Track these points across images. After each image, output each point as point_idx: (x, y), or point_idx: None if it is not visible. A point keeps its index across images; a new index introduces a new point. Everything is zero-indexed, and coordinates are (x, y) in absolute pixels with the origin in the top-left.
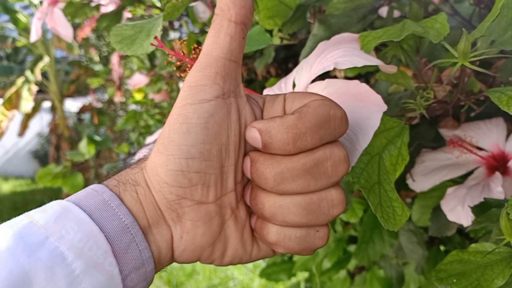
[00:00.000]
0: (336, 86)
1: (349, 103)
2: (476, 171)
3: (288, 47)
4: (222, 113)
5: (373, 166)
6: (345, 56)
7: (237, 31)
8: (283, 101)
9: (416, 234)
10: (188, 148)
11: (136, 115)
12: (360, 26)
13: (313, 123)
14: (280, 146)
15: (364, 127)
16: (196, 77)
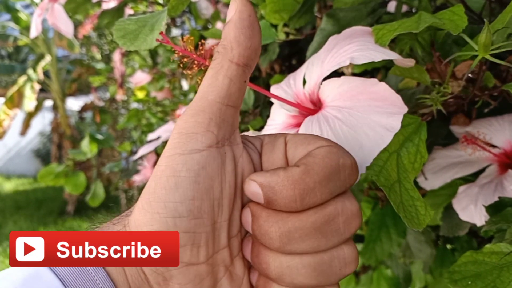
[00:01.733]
0: (352, 84)
1: (367, 103)
2: (488, 169)
3: (292, 43)
4: (215, 164)
5: (392, 164)
6: (360, 51)
7: (238, 74)
8: (284, 145)
9: (424, 232)
10: (176, 206)
11: (138, 113)
12: (369, 20)
13: (322, 176)
14: (286, 204)
15: (382, 130)
16: (188, 123)
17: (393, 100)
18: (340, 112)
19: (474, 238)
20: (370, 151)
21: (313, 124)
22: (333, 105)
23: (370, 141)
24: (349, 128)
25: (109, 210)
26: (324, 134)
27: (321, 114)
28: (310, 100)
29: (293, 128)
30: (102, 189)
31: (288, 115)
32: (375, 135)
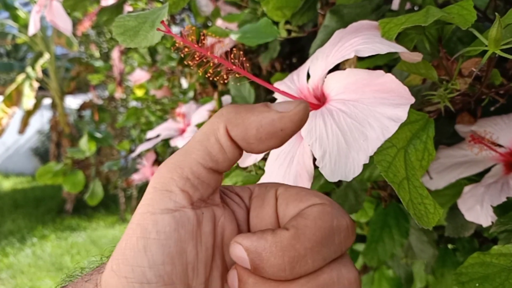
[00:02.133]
0: (358, 76)
1: (372, 95)
2: (494, 169)
3: (293, 41)
4: (190, 226)
5: (400, 160)
6: (366, 44)
7: (232, 146)
8: (275, 200)
9: (426, 233)
10: (144, 271)
11: (137, 111)
12: (373, 17)
13: (314, 241)
14: (274, 272)
15: (387, 121)
16: (164, 178)
17: (400, 91)
18: (345, 105)
19: (476, 238)
20: (374, 142)
21: (316, 118)
22: (338, 98)
23: (375, 132)
24: (354, 120)
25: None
26: (328, 128)
27: (325, 108)
28: (314, 95)
29: None
30: (101, 188)
31: None
32: (380, 127)
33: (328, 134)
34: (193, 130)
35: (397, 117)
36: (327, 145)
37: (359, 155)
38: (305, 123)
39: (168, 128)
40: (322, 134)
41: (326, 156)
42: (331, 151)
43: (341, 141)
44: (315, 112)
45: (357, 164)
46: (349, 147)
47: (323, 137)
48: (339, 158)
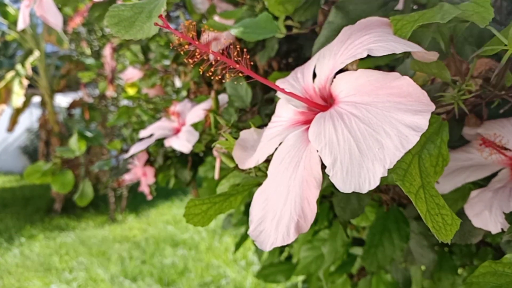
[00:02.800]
0: (371, 78)
1: (387, 99)
2: (501, 173)
3: (290, 39)
4: None
5: (415, 167)
6: (379, 42)
7: None
8: None
9: (426, 237)
10: None
11: (128, 110)
12: (380, 14)
13: None
14: None
15: (406, 129)
16: None
17: (418, 96)
18: (357, 109)
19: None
20: (392, 152)
21: (325, 121)
22: (348, 100)
23: (392, 141)
24: (367, 126)
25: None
26: (339, 133)
27: (335, 111)
28: (320, 95)
29: (301, 125)
30: (91, 188)
31: (296, 111)
32: (398, 135)
33: (339, 139)
34: (189, 130)
35: (416, 125)
36: (337, 152)
37: (374, 165)
38: None
39: (162, 127)
40: (332, 139)
41: (337, 164)
42: (342, 158)
43: (353, 148)
44: (323, 115)
45: (373, 175)
46: (362, 156)
47: (334, 143)
48: (352, 167)
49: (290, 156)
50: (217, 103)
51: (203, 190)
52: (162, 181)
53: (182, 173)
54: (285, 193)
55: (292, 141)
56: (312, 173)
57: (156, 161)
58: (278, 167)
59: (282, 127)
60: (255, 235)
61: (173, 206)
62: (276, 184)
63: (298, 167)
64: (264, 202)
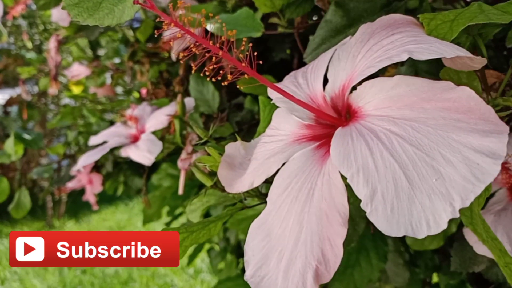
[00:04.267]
0: (414, 87)
1: (439, 114)
2: (498, 193)
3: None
4: None
5: (475, 205)
6: (419, 43)
7: None
8: None
9: (401, 255)
10: None
11: (73, 111)
12: (383, 14)
13: None
14: None
15: (476, 156)
16: None
17: (483, 112)
18: (397, 125)
19: (437, 254)
20: (461, 186)
21: (353, 140)
22: (380, 114)
23: (457, 170)
24: (416, 148)
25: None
26: (377, 156)
27: (362, 126)
28: (333, 106)
29: (308, 141)
30: (28, 198)
31: (301, 124)
32: (465, 163)
33: (377, 164)
34: (150, 138)
35: (490, 150)
36: (377, 181)
37: (433, 201)
38: None
39: (117, 133)
40: (367, 164)
41: (377, 197)
42: (384, 190)
43: (399, 177)
44: (346, 131)
45: (433, 214)
46: (413, 187)
47: (370, 169)
48: (399, 202)
49: (299, 181)
50: (183, 108)
51: (154, 198)
52: (109, 188)
53: (133, 181)
54: (296, 229)
55: (300, 162)
56: (334, 206)
57: (104, 168)
58: (282, 194)
59: (283, 143)
60: (255, 282)
61: (117, 211)
62: (282, 217)
63: (312, 196)
64: (265, 239)
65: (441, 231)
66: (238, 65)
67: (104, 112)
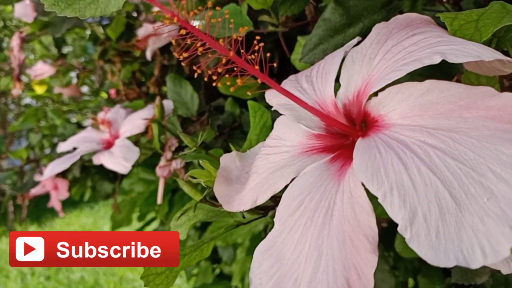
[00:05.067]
0: (448, 93)
1: (482, 124)
2: None
3: None
4: None
5: None
6: (450, 44)
7: None
8: None
9: (387, 261)
10: None
11: (37, 112)
12: (383, 13)
13: None
14: None
15: None
16: None
17: None
18: (433, 136)
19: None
20: None
21: (381, 152)
22: (407, 124)
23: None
24: (462, 164)
25: None
26: (413, 171)
27: (390, 138)
28: (345, 113)
29: (319, 153)
30: None
31: (310, 134)
32: None
33: (414, 181)
34: (125, 144)
35: None
36: (416, 201)
37: (487, 224)
38: None
39: (88, 139)
40: (401, 180)
41: (418, 220)
42: (426, 211)
43: (443, 196)
44: (369, 142)
45: (487, 239)
46: (460, 208)
47: (406, 186)
48: (445, 226)
49: (313, 199)
50: (162, 111)
51: (124, 203)
52: (76, 194)
53: (102, 185)
54: (313, 255)
55: (312, 178)
56: (360, 229)
57: (70, 172)
58: (294, 214)
59: (290, 155)
60: None
61: (82, 214)
62: (295, 241)
63: (331, 217)
64: (275, 265)
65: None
66: (249, 69)
67: (69, 114)
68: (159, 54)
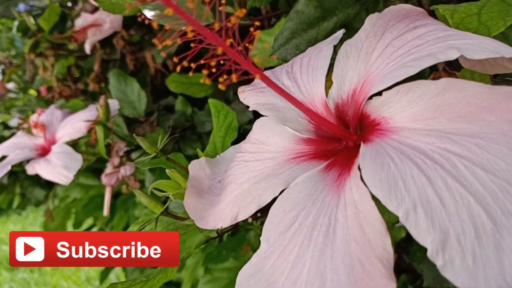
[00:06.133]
0: (469, 92)
1: (508, 129)
2: None
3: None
4: None
5: None
6: (463, 38)
7: None
8: None
9: None
10: None
11: None
12: (358, 7)
13: None
14: None
15: None
16: None
17: None
18: (456, 143)
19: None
20: None
21: (396, 162)
22: (420, 128)
23: None
24: (494, 175)
25: None
26: (440, 186)
27: (402, 144)
28: (338, 114)
29: (309, 160)
30: None
31: (297, 138)
32: None
33: (442, 197)
34: (65, 150)
35: None
36: (447, 220)
37: None
38: None
39: (19, 145)
40: (426, 195)
41: (451, 243)
42: (459, 232)
43: (478, 214)
44: (373, 149)
45: None
46: (498, 228)
47: (433, 203)
48: (482, 249)
49: (309, 215)
50: (108, 112)
51: (58, 210)
52: (3, 202)
53: (32, 192)
54: (315, 282)
55: (306, 189)
56: (372, 251)
57: None
58: (286, 233)
59: (275, 162)
60: None
61: (8, 221)
62: (289, 264)
63: (333, 236)
64: None
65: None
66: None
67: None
68: (100, 48)
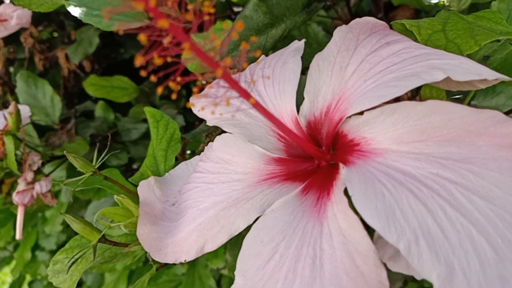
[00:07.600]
0: (455, 115)
1: (499, 154)
2: None
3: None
4: None
5: None
6: (442, 58)
7: None
8: None
9: None
10: None
11: None
12: (304, 14)
13: None
14: None
15: None
16: None
17: None
18: (448, 169)
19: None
20: None
21: (389, 188)
22: (406, 150)
23: None
24: (491, 203)
25: None
26: (440, 216)
27: (390, 169)
28: (310, 133)
29: (282, 182)
30: None
31: (268, 158)
32: None
33: (443, 227)
34: None
35: None
36: (450, 252)
37: None
38: None
39: None
40: (427, 226)
41: (457, 277)
42: (465, 265)
43: (481, 245)
44: (359, 173)
45: None
46: (501, 259)
47: (435, 234)
48: (488, 282)
49: (290, 245)
50: (19, 121)
51: None
52: None
53: None
54: None
55: (285, 217)
56: (367, 285)
57: None
58: (265, 267)
59: (244, 185)
60: None
61: None
62: None
63: (321, 269)
64: None
65: None
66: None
67: None
68: (3, 46)
